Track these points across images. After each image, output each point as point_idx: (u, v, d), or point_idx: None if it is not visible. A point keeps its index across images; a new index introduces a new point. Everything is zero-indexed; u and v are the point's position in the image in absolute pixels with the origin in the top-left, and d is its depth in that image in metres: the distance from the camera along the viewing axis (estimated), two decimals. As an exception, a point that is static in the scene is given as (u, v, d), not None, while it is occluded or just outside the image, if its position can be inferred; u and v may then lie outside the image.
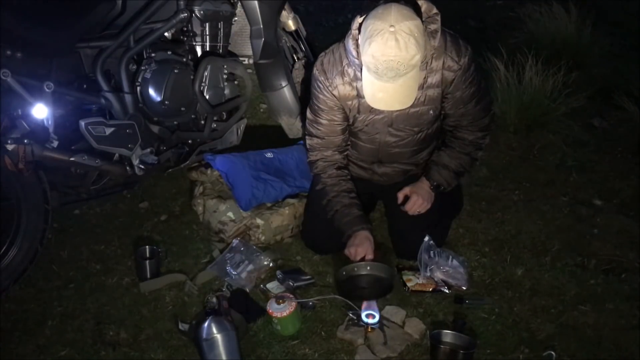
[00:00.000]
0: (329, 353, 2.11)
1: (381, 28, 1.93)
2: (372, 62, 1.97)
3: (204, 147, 2.83)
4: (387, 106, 2.12)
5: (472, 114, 2.35)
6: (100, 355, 2.11)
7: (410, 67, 1.97)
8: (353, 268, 2.34)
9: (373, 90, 2.06)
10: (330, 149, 2.43)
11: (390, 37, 1.91)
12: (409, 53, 1.93)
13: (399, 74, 1.97)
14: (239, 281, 2.38)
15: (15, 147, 2.21)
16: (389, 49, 1.92)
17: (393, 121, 2.33)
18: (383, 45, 1.93)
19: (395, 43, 1.91)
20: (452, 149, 2.42)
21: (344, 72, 2.26)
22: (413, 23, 1.95)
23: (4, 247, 2.32)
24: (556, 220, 2.78)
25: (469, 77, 2.27)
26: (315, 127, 2.40)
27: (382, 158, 2.46)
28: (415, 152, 2.45)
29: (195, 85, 2.66)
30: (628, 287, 2.39)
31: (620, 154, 3.30)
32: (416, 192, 2.42)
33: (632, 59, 4.21)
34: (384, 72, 1.96)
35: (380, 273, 2.33)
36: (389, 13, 1.94)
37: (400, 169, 2.50)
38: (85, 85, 2.54)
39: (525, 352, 2.10)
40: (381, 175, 2.53)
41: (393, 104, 2.09)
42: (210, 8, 2.69)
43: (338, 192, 2.43)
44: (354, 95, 2.28)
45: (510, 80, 3.45)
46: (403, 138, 2.38)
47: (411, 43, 1.93)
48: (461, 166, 2.43)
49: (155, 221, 2.78)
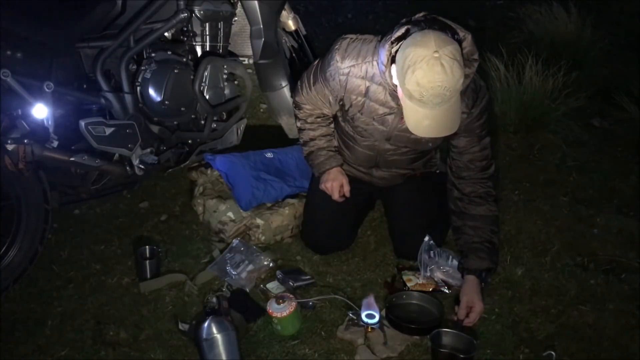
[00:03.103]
0: (329, 353, 2.11)
1: (424, 55, 1.88)
2: (417, 90, 1.91)
3: (204, 147, 2.83)
4: (435, 133, 2.06)
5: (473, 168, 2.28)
6: (100, 355, 2.11)
7: (455, 91, 1.93)
8: (402, 295, 2.31)
9: (418, 118, 1.99)
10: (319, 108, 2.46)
11: (436, 62, 1.87)
12: (454, 77, 1.89)
13: (444, 99, 1.92)
14: (239, 281, 2.38)
15: (15, 147, 2.20)
16: (436, 75, 1.87)
17: (392, 137, 2.31)
18: (429, 71, 1.87)
19: (441, 68, 1.87)
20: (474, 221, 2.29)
21: (361, 66, 2.21)
22: (454, 47, 1.91)
23: (4, 247, 2.32)
24: (556, 220, 2.78)
25: (475, 127, 2.22)
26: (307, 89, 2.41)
27: (379, 163, 2.45)
28: (413, 160, 2.45)
29: (195, 85, 2.66)
30: (628, 287, 2.39)
31: (620, 154, 3.31)
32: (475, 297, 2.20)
33: (632, 59, 4.21)
34: (429, 98, 1.91)
35: (431, 307, 2.27)
36: (430, 39, 1.90)
37: (398, 173, 2.50)
38: (85, 85, 2.54)
39: (525, 352, 2.10)
40: (379, 179, 2.52)
41: (440, 130, 2.03)
42: (210, 8, 2.69)
43: (314, 136, 2.51)
44: (362, 92, 2.24)
45: (510, 80, 3.45)
46: (400, 148, 2.37)
47: (456, 67, 1.88)
48: (491, 231, 2.29)
49: (155, 221, 2.78)
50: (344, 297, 2.31)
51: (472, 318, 2.16)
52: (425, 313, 2.25)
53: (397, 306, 2.25)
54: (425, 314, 2.24)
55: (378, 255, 2.57)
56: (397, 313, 2.21)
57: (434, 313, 2.24)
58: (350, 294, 2.35)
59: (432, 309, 2.26)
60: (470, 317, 2.16)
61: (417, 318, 2.22)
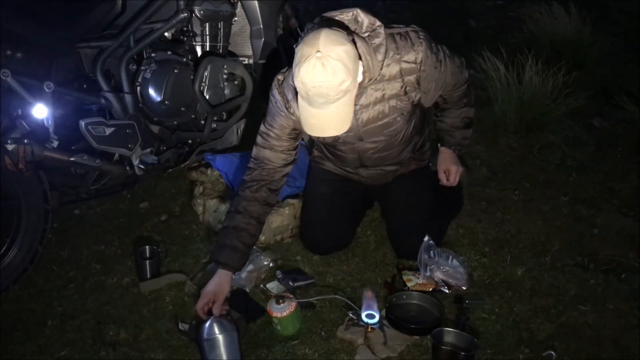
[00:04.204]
0: (329, 353, 2.10)
1: (308, 54, 1.86)
2: (302, 88, 1.90)
3: (204, 147, 2.83)
4: (321, 132, 2.04)
5: (452, 83, 2.30)
6: (100, 355, 2.11)
7: (340, 92, 1.90)
8: (402, 295, 2.30)
9: (305, 115, 1.98)
10: (273, 163, 2.29)
11: (317, 62, 1.85)
12: (336, 79, 1.86)
13: (329, 100, 1.90)
14: (239, 281, 2.38)
15: (15, 147, 2.21)
16: (316, 75, 1.86)
17: (362, 135, 2.28)
18: (311, 71, 1.86)
19: (322, 69, 1.85)
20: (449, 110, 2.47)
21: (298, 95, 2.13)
22: (342, 48, 1.87)
23: (4, 247, 2.33)
24: (556, 220, 2.78)
25: (430, 64, 2.17)
26: (265, 138, 2.27)
27: (365, 163, 2.42)
28: (397, 152, 2.41)
29: (195, 85, 2.66)
30: (628, 287, 2.39)
31: (620, 154, 3.30)
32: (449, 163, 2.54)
33: (632, 59, 4.21)
34: (314, 97, 1.90)
35: (431, 307, 2.27)
36: (317, 38, 1.87)
37: (386, 170, 2.47)
38: (85, 85, 2.54)
39: (525, 352, 2.10)
40: (368, 178, 2.50)
41: (326, 129, 2.01)
42: (210, 8, 2.69)
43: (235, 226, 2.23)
44: None
45: (510, 80, 3.45)
46: (380, 143, 2.33)
47: (339, 69, 1.86)
48: (466, 117, 2.49)
49: (155, 221, 2.78)
50: (344, 297, 2.31)
51: (451, 179, 2.54)
52: (425, 313, 2.25)
53: (397, 306, 2.25)
54: (425, 314, 2.24)
55: (378, 255, 2.57)
56: (397, 313, 2.21)
57: (434, 313, 2.23)
58: (350, 294, 2.35)
59: (432, 309, 2.26)
60: (449, 179, 2.54)
61: (417, 318, 2.22)
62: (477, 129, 2.96)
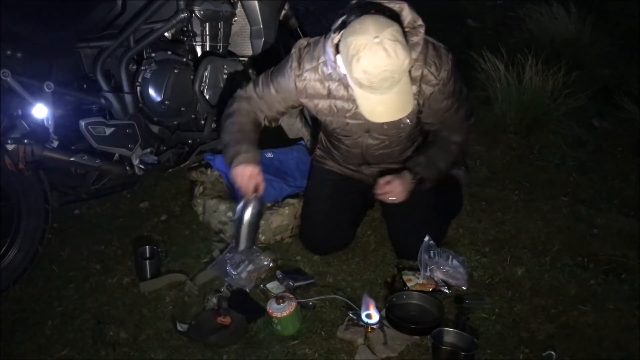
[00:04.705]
0: (329, 353, 2.10)
1: (365, 42, 1.87)
2: (365, 78, 1.91)
3: (204, 147, 2.83)
4: (390, 117, 2.05)
5: (451, 122, 2.32)
6: (100, 355, 2.11)
7: (403, 72, 1.93)
8: (402, 295, 2.31)
9: (371, 105, 2.00)
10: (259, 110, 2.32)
11: (378, 48, 1.86)
12: (399, 59, 1.88)
13: (393, 82, 1.92)
14: (239, 281, 2.38)
15: (15, 147, 2.21)
16: (381, 60, 1.87)
17: (370, 128, 2.29)
18: (373, 57, 1.87)
19: (385, 53, 1.86)
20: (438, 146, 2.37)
21: (318, 68, 2.19)
22: (393, 29, 1.89)
23: (4, 247, 2.32)
24: (556, 220, 2.78)
25: (448, 90, 2.21)
26: (261, 87, 2.30)
27: (368, 160, 2.43)
28: (401, 150, 2.42)
29: (195, 85, 2.66)
30: (628, 287, 2.39)
31: (620, 154, 3.31)
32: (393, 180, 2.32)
33: (632, 59, 4.21)
34: (379, 84, 1.91)
35: (431, 307, 2.27)
36: (367, 25, 1.88)
37: (388, 169, 2.45)
38: (85, 85, 2.54)
39: (525, 352, 2.10)
40: (370, 176, 2.51)
41: (395, 113, 2.03)
42: (210, 8, 2.69)
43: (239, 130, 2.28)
44: (324, 95, 2.22)
45: (510, 80, 3.45)
46: (384, 141, 2.35)
47: (399, 48, 1.88)
48: (445, 163, 2.37)
49: (155, 221, 2.78)
50: (344, 297, 2.31)
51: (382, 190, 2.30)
52: (425, 313, 2.25)
53: (397, 306, 2.25)
54: (425, 314, 2.24)
55: (378, 255, 2.57)
56: (397, 313, 2.21)
57: (434, 313, 2.23)
58: (350, 294, 2.35)
59: (432, 309, 2.26)
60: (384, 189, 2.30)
61: (417, 318, 2.22)
62: (477, 128, 2.96)
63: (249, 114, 2.30)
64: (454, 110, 2.28)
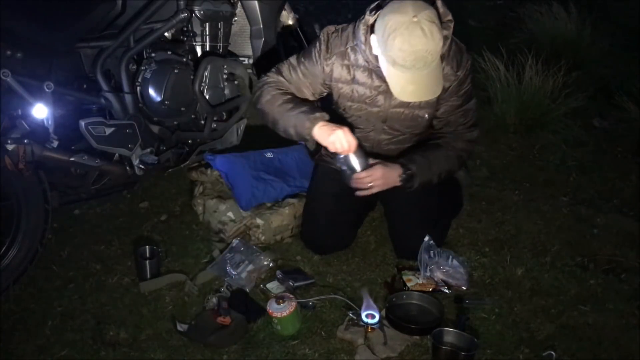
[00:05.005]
0: (329, 353, 2.10)
1: (404, 20, 1.93)
2: (400, 56, 1.97)
3: (204, 147, 2.83)
4: (419, 97, 2.12)
5: (457, 124, 2.35)
6: (100, 355, 2.11)
7: (436, 54, 1.99)
8: (402, 295, 2.30)
9: (402, 83, 2.05)
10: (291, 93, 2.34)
11: (416, 27, 1.93)
12: (434, 40, 1.96)
13: (427, 63, 1.98)
14: (239, 281, 2.38)
15: (15, 147, 2.20)
16: (417, 39, 1.94)
17: (388, 118, 2.32)
18: (410, 36, 1.93)
19: (422, 32, 1.93)
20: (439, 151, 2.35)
21: (345, 53, 2.26)
22: (431, 11, 1.97)
23: (4, 247, 2.32)
24: (556, 220, 2.78)
25: (462, 89, 2.28)
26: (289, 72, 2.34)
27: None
28: (409, 149, 2.43)
29: (195, 85, 2.66)
30: (628, 287, 2.39)
31: (620, 154, 3.31)
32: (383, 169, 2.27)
33: (632, 59, 4.22)
34: (412, 63, 1.97)
35: (431, 307, 2.27)
36: (407, 5, 1.95)
37: None
38: (85, 85, 2.54)
39: (525, 352, 2.10)
40: None
41: (425, 93, 2.09)
42: (210, 8, 2.69)
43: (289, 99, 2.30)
44: (348, 80, 2.28)
45: (510, 80, 3.45)
46: (396, 136, 2.38)
47: (435, 30, 1.95)
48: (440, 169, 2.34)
49: (155, 221, 2.78)
50: (344, 297, 2.31)
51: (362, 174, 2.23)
52: (425, 313, 2.25)
53: (397, 306, 2.25)
54: (425, 314, 2.24)
55: (378, 255, 2.57)
56: (397, 313, 2.21)
57: (434, 313, 2.23)
58: (350, 294, 2.35)
59: (432, 309, 2.26)
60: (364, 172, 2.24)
61: (417, 318, 2.22)
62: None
63: (286, 93, 2.34)
64: (463, 112, 2.32)
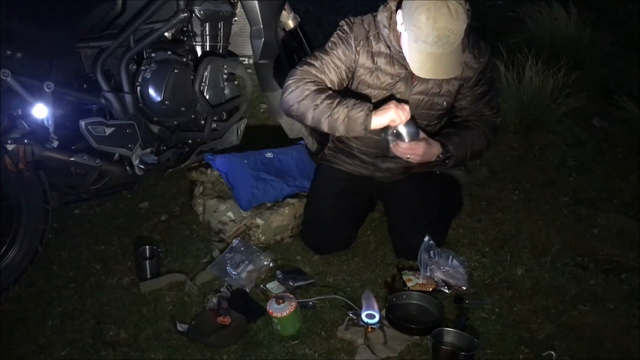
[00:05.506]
0: (329, 353, 2.10)
1: None
2: (424, 32, 2.00)
3: (204, 147, 2.83)
4: (437, 74, 2.15)
5: (481, 113, 2.42)
6: (100, 355, 2.11)
7: (459, 35, 2.03)
8: (402, 295, 2.31)
9: (422, 59, 2.08)
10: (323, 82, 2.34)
11: (443, 5, 1.97)
12: (459, 20, 2.00)
13: (449, 42, 2.02)
14: (239, 281, 2.38)
15: (15, 147, 2.20)
16: (443, 17, 1.98)
17: None
18: (437, 13, 1.97)
19: (448, 10, 1.97)
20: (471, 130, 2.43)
21: (369, 40, 2.31)
22: None
23: (4, 247, 2.32)
24: (556, 220, 2.78)
25: (486, 76, 2.35)
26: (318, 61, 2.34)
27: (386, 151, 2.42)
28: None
29: (195, 85, 2.66)
30: (628, 287, 2.39)
31: (620, 154, 3.31)
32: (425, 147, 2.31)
33: (632, 59, 4.21)
34: (435, 40, 2.00)
35: (431, 307, 2.27)
36: None
37: (404, 163, 2.47)
38: (85, 85, 2.54)
39: (525, 352, 2.10)
40: (384, 171, 2.51)
41: (444, 72, 2.12)
42: (210, 8, 2.69)
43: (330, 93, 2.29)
44: (371, 67, 2.32)
45: (510, 80, 3.45)
46: None
47: (461, 11, 2.00)
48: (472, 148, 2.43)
49: (155, 221, 2.78)
50: (344, 297, 2.31)
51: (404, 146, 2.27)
52: (425, 313, 2.25)
53: (397, 306, 2.25)
54: (425, 314, 2.24)
55: (378, 255, 2.57)
56: (397, 313, 2.21)
57: (434, 313, 2.24)
58: (350, 294, 2.35)
59: (432, 309, 2.26)
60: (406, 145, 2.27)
61: (417, 318, 2.22)
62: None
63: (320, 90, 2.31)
64: (488, 99, 2.39)
